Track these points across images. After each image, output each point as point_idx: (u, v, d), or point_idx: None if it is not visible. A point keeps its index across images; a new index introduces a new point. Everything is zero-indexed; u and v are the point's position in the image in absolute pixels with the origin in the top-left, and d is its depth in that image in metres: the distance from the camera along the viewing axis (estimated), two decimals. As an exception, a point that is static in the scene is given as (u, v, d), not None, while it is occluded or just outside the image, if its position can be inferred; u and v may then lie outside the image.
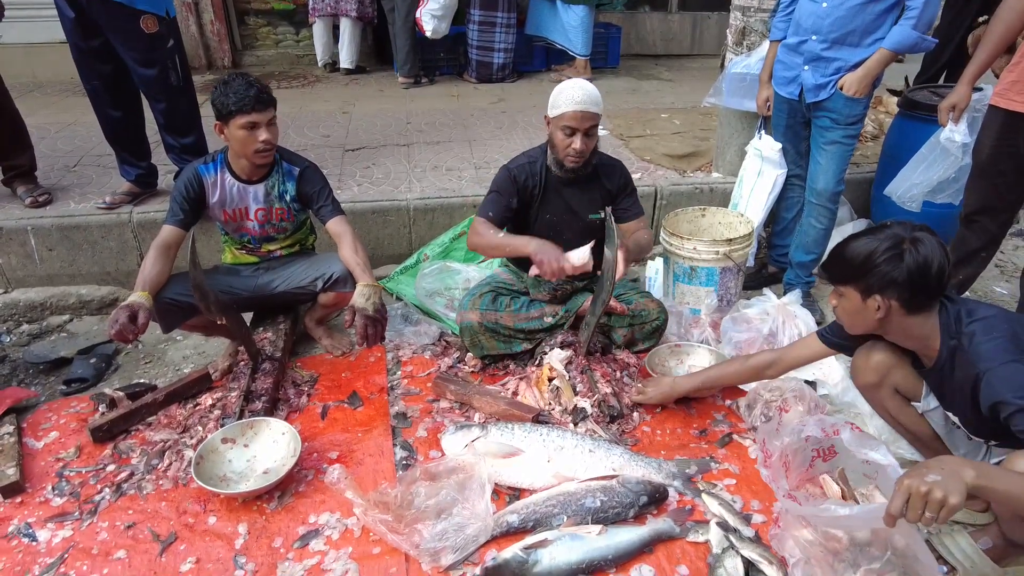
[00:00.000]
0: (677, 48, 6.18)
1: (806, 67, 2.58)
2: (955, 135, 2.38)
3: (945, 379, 1.62)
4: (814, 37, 2.52)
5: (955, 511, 1.25)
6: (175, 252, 2.28)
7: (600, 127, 4.18)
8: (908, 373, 1.76)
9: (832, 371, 2.32)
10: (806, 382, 2.25)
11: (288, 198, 2.41)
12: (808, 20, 2.53)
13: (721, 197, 3.36)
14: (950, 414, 1.68)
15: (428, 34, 4.92)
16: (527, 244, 2.20)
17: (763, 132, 2.95)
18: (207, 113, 2.46)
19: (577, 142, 2.22)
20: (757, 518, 1.85)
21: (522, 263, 2.59)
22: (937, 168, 2.52)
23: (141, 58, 2.77)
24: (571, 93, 2.20)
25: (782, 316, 2.43)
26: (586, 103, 2.19)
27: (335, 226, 2.38)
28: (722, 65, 3.36)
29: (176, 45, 2.87)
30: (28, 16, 4.14)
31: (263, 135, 2.20)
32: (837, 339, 1.89)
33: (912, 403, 1.80)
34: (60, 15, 2.70)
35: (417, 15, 4.86)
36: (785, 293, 2.83)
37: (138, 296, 2.11)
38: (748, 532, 1.77)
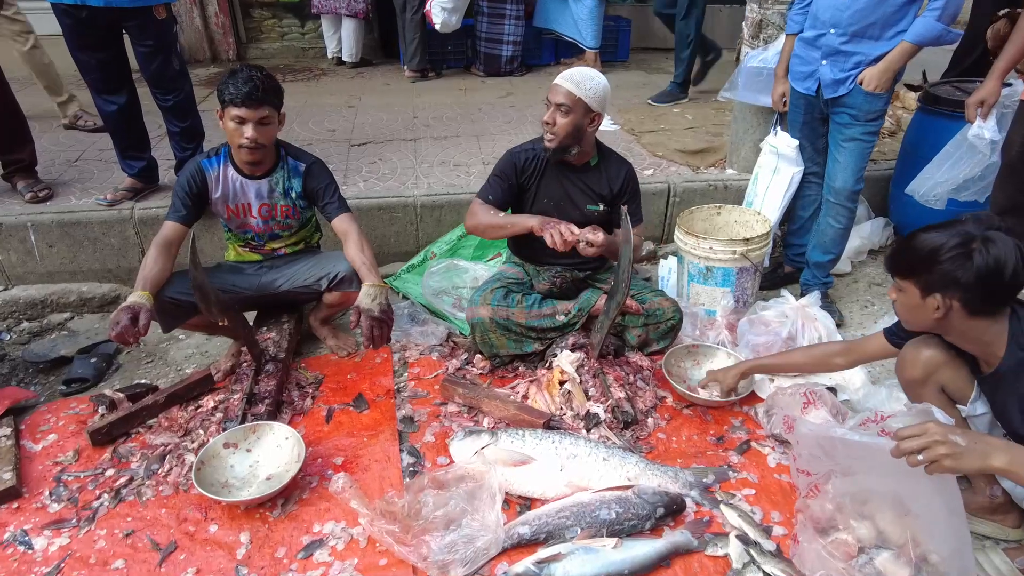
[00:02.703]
0: (687, 42, 6.05)
1: (824, 61, 2.49)
2: (984, 131, 2.30)
3: (1002, 388, 1.54)
4: (833, 30, 2.44)
5: (943, 469, 1.30)
6: (177, 249, 2.22)
7: (611, 121, 4.11)
8: (959, 374, 1.67)
9: (853, 376, 2.24)
10: (827, 388, 2.17)
11: (294, 195, 2.35)
12: (826, 13, 2.44)
13: (735, 194, 3.28)
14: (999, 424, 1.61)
15: (437, 27, 4.83)
16: (528, 219, 2.20)
17: (779, 128, 2.87)
18: (208, 106, 2.40)
19: (546, 115, 2.21)
20: (778, 530, 1.78)
21: (528, 255, 2.53)
22: (963, 166, 2.43)
23: (154, 44, 2.75)
24: (562, 72, 2.22)
25: (801, 318, 2.35)
26: (563, 78, 2.18)
27: (341, 224, 2.32)
28: (737, 59, 3.28)
29: (177, 29, 2.88)
30: (28, 8, 4.05)
31: (248, 132, 2.12)
32: (902, 338, 1.80)
33: (957, 406, 1.71)
34: (55, 10, 2.63)
35: (427, 8, 4.77)
36: (802, 294, 2.75)
37: (139, 296, 2.05)
38: (769, 546, 1.71)
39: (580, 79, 2.17)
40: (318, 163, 2.37)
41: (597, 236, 2.11)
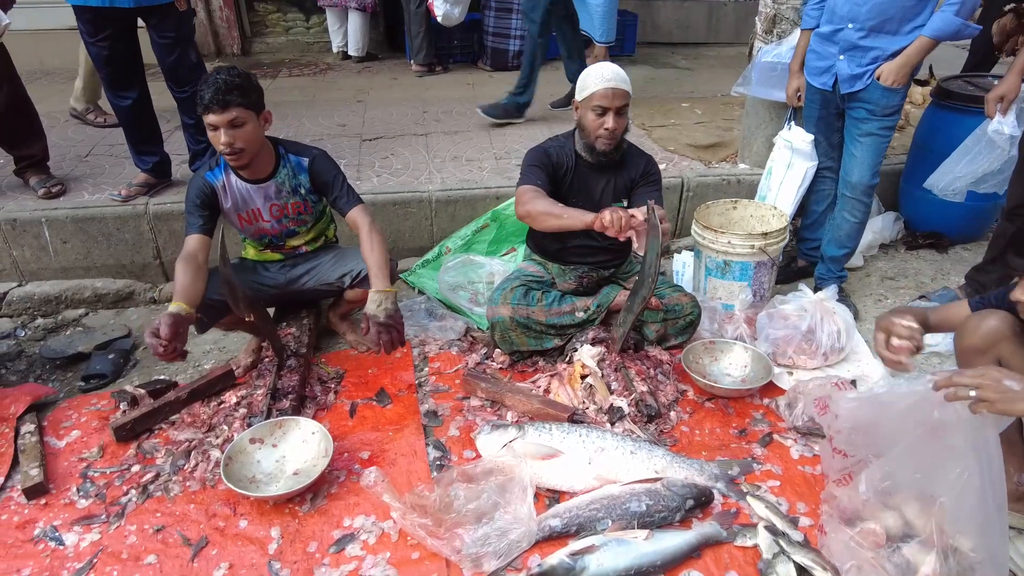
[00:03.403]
0: (693, 36, 6.07)
1: (841, 56, 2.50)
2: (1003, 127, 2.31)
3: None
4: (850, 25, 2.44)
5: (995, 410, 1.31)
6: (205, 259, 2.16)
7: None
8: (1020, 351, 1.64)
9: (873, 370, 2.26)
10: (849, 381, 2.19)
11: (303, 191, 2.30)
12: (844, 7, 2.44)
13: (748, 189, 3.29)
14: None
15: (439, 19, 4.81)
16: (585, 214, 2.08)
17: (793, 123, 2.88)
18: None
19: (609, 121, 2.18)
20: (804, 521, 1.80)
21: (552, 255, 2.53)
22: (982, 160, 2.45)
23: (175, 36, 2.75)
24: (600, 72, 2.18)
25: (820, 312, 2.36)
26: (616, 80, 2.16)
27: (353, 217, 2.26)
28: (750, 53, 3.28)
29: (195, 21, 2.88)
30: (35, 2, 4.04)
31: (221, 137, 2.04)
32: None
33: None
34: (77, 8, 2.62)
35: (429, 1, 4.76)
36: (817, 288, 2.77)
37: (171, 307, 2.00)
38: (797, 536, 1.73)
39: (621, 75, 2.18)
40: (321, 155, 2.30)
41: (662, 210, 2.02)
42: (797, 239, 3.12)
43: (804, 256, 3.09)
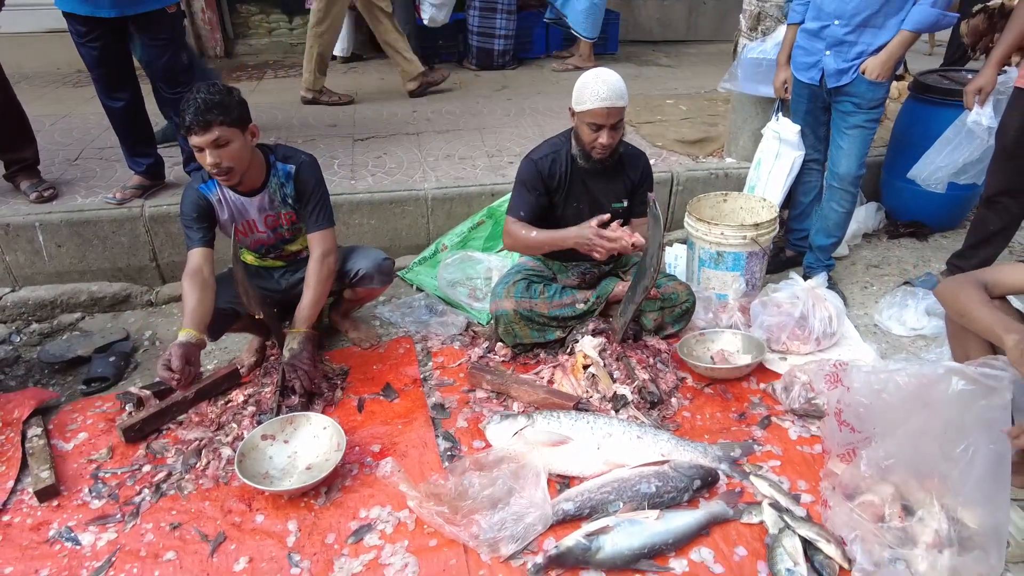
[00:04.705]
0: (673, 34, 6.16)
1: (828, 52, 2.58)
2: (981, 118, 2.41)
3: None
4: (837, 22, 2.52)
5: None
6: (211, 270, 2.15)
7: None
8: None
9: (864, 354, 2.34)
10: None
11: (291, 201, 2.27)
12: (831, 4, 2.52)
13: (735, 182, 3.37)
14: None
15: (426, 21, 4.85)
16: (566, 238, 2.20)
17: (780, 114, 2.96)
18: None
19: (604, 137, 2.19)
20: (805, 498, 1.87)
21: (552, 254, 2.57)
22: (963, 151, 2.55)
23: (167, 37, 2.74)
24: (595, 89, 2.14)
25: (812, 299, 2.44)
26: (611, 99, 2.13)
27: (313, 240, 2.25)
28: (735, 50, 3.36)
29: (186, 22, 2.88)
30: (13, 4, 3.96)
31: (207, 158, 2.00)
32: None
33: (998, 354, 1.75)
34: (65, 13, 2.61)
35: (416, 1, 4.79)
36: (806, 277, 2.85)
37: (181, 334, 2.03)
38: (800, 512, 1.80)
39: (617, 90, 2.14)
40: (307, 164, 2.24)
41: (639, 239, 2.14)
42: (785, 230, 3.21)
43: (792, 246, 3.18)
